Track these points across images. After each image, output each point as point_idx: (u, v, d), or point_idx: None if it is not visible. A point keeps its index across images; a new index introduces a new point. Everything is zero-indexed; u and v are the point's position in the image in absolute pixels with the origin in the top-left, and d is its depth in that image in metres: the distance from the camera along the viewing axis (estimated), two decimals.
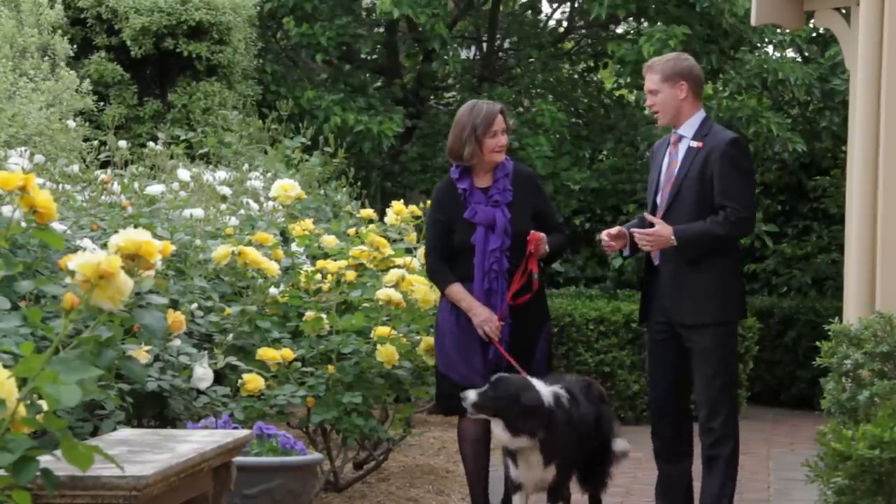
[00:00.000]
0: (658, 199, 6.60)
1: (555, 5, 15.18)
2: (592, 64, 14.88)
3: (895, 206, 7.04)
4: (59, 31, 11.28)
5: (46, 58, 10.84)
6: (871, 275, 7.13)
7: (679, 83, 6.56)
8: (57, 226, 5.54)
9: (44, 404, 3.41)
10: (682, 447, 6.64)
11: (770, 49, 14.06)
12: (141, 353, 5.39)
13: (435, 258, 6.83)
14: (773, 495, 8.25)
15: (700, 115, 6.63)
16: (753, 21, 8.68)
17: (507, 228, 6.70)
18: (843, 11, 8.00)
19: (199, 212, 7.79)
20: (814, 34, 13.62)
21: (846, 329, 6.32)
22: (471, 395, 6.24)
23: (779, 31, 13.02)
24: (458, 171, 6.81)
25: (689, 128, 6.59)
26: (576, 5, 14.74)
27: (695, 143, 6.54)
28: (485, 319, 6.62)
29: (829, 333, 6.33)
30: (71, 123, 9.94)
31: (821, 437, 5.65)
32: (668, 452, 6.65)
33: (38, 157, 8.14)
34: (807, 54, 14.09)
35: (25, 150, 8.14)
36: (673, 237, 6.43)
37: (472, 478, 6.79)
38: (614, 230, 6.63)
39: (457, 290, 6.72)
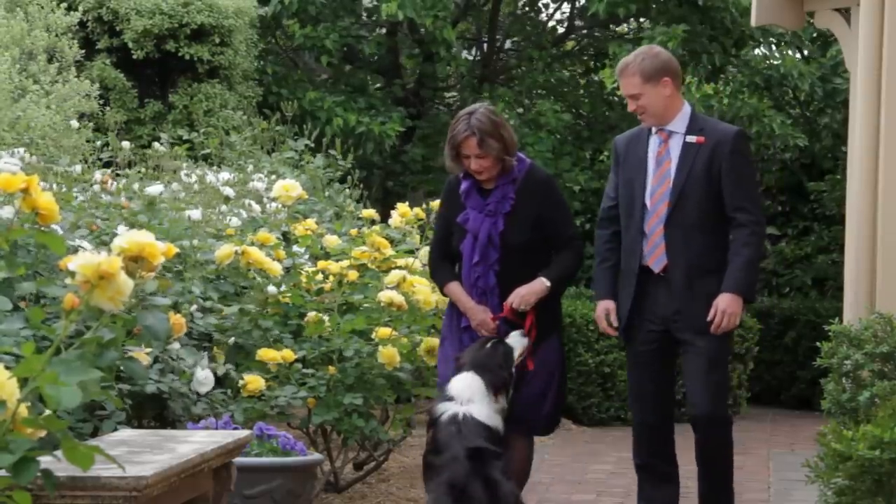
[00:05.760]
0: (648, 201, 6.23)
1: (554, 5, 15.19)
2: (593, 64, 14.88)
3: (895, 207, 7.05)
4: (69, 35, 11.26)
5: (54, 60, 10.83)
6: (871, 275, 7.14)
7: (662, 80, 6.19)
8: (53, 226, 5.54)
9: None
10: (670, 469, 6.38)
11: (773, 47, 14.06)
12: (141, 356, 5.40)
13: (436, 256, 6.59)
14: (773, 495, 8.25)
15: (687, 107, 6.29)
16: (753, 22, 8.69)
17: (495, 241, 6.33)
18: (844, 12, 8.00)
19: (198, 214, 7.78)
20: (815, 34, 13.63)
21: (846, 329, 6.32)
22: None
23: (780, 30, 13.02)
24: (463, 171, 6.50)
25: (679, 123, 6.24)
26: (577, 5, 14.74)
27: (693, 139, 6.19)
28: (479, 323, 6.35)
29: (830, 334, 6.33)
30: (74, 123, 9.93)
31: (821, 438, 5.65)
32: (656, 477, 6.36)
33: (32, 159, 8.10)
34: (807, 53, 14.11)
35: (20, 151, 8.09)
36: (742, 295, 6.12)
37: None
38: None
39: (454, 289, 6.44)
